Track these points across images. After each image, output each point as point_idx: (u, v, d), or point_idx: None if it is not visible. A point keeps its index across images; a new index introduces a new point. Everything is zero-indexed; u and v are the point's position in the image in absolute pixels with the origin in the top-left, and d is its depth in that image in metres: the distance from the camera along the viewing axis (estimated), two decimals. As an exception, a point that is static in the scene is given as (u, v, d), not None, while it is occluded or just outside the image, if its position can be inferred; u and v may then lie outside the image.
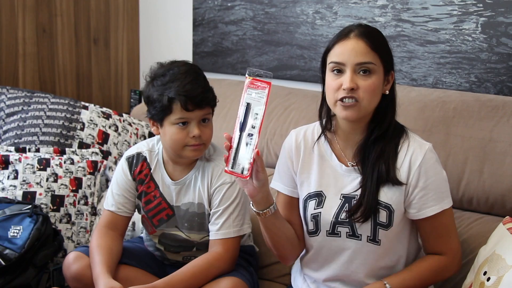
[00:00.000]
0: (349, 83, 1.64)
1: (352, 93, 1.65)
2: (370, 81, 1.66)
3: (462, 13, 2.25)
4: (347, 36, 1.68)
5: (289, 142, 1.86)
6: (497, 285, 1.60)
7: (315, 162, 1.81)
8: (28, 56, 2.91)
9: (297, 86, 2.63)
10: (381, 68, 1.68)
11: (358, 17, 2.48)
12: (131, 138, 2.73)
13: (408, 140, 1.74)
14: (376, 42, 1.68)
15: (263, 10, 2.76)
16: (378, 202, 1.70)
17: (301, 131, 1.86)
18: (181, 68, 1.92)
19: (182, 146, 1.92)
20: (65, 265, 1.99)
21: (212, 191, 1.97)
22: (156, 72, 1.94)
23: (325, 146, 1.81)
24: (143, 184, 2.04)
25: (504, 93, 2.18)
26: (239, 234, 1.96)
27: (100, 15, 3.12)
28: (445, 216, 1.73)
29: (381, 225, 1.72)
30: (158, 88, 1.90)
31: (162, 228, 2.06)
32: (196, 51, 3.01)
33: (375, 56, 1.66)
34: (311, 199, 1.80)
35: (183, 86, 1.87)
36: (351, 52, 1.66)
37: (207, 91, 1.92)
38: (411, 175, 1.71)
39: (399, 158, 1.72)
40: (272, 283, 2.20)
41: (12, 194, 2.36)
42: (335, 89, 1.68)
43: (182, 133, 1.90)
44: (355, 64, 1.65)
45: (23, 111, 2.63)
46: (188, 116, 1.89)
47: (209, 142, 1.98)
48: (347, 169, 1.76)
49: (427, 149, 1.72)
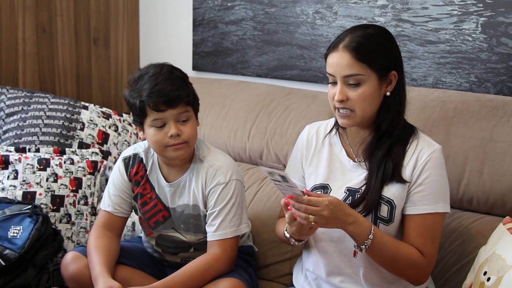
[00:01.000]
0: (338, 96, 1.71)
1: (343, 104, 1.72)
2: (360, 91, 1.70)
3: (462, 13, 2.24)
4: (337, 47, 1.72)
5: (302, 136, 1.94)
6: (497, 285, 1.60)
7: (324, 156, 1.86)
8: (28, 56, 2.91)
9: (297, 86, 2.63)
10: (372, 75, 1.70)
11: (358, 17, 2.47)
12: (131, 138, 2.73)
13: (418, 140, 1.77)
14: (364, 52, 1.68)
15: (263, 10, 2.76)
16: (380, 196, 1.73)
17: (315, 126, 1.94)
18: (154, 70, 1.90)
19: (163, 147, 1.91)
20: (63, 265, 1.99)
21: (207, 192, 1.97)
22: (132, 77, 1.93)
23: (336, 141, 1.86)
24: (139, 186, 2.04)
25: (504, 93, 2.18)
26: (237, 234, 1.96)
27: (100, 15, 3.12)
28: (434, 220, 1.74)
29: (382, 220, 1.74)
30: (132, 93, 1.90)
31: (159, 229, 2.06)
32: (196, 51, 3.01)
33: (362, 67, 1.69)
34: (317, 190, 1.83)
35: (152, 87, 1.85)
36: (337, 65, 1.71)
37: (177, 89, 1.87)
38: (414, 171, 1.74)
39: (406, 156, 1.76)
40: (272, 283, 2.20)
41: (12, 194, 2.36)
42: (331, 97, 1.76)
43: (160, 134, 1.89)
44: (342, 76, 1.71)
45: (23, 111, 2.63)
46: (163, 116, 1.87)
47: (193, 141, 1.95)
48: (354, 165, 1.81)
49: (435, 149, 1.75)
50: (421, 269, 1.73)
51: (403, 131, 1.77)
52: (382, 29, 1.78)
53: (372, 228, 1.67)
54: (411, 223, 1.74)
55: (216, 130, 2.58)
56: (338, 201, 1.64)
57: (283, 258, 2.21)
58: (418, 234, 1.73)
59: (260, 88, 2.61)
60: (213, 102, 2.62)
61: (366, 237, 1.66)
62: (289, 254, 2.19)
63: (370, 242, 1.66)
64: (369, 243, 1.66)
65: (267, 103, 2.51)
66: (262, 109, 2.50)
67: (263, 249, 2.21)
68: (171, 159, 1.96)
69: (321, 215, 1.60)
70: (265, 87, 2.62)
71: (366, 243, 1.66)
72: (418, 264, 1.72)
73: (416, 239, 1.73)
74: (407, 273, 1.74)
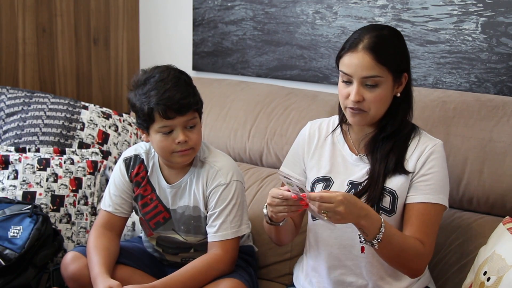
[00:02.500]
0: (355, 96, 1.72)
1: (358, 105, 1.73)
2: (377, 93, 1.72)
3: (462, 13, 2.24)
4: (356, 47, 1.72)
5: (304, 130, 1.96)
6: (497, 285, 1.60)
7: (327, 151, 1.88)
8: (28, 56, 2.91)
9: (297, 86, 2.63)
10: (389, 78, 1.73)
11: (358, 17, 2.47)
12: (131, 138, 2.73)
13: (419, 135, 1.81)
14: (383, 54, 1.71)
15: (263, 10, 2.76)
16: (383, 187, 1.75)
17: (317, 122, 1.96)
18: (161, 75, 1.88)
19: (170, 153, 1.91)
20: (63, 265, 1.99)
21: (207, 193, 1.97)
22: (138, 80, 1.91)
23: (339, 136, 1.88)
24: (140, 187, 2.03)
25: (504, 93, 2.18)
26: (237, 235, 1.96)
27: (100, 15, 3.12)
28: (433, 210, 1.75)
29: (384, 211, 1.75)
30: (139, 97, 1.88)
31: (159, 231, 2.06)
32: (196, 51, 3.01)
33: (381, 69, 1.71)
34: (319, 182, 1.85)
35: (161, 94, 1.84)
36: (357, 66, 1.71)
37: (187, 97, 1.87)
38: (418, 161, 1.76)
39: (409, 150, 1.78)
40: (272, 283, 2.20)
41: (12, 194, 2.36)
42: (344, 96, 1.76)
43: (168, 140, 1.89)
44: (361, 77, 1.72)
45: (23, 111, 2.63)
46: (171, 124, 1.87)
47: (199, 146, 1.96)
48: (356, 159, 1.83)
49: (438, 143, 1.79)
50: (422, 258, 1.74)
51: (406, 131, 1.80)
52: (395, 30, 1.81)
53: (382, 220, 1.65)
54: (414, 211, 1.75)
55: (216, 130, 2.58)
56: (350, 195, 1.62)
57: (283, 258, 2.21)
58: (420, 222, 1.73)
59: (260, 88, 2.61)
60: (213, 102, 2.62)
61: (377, 230, 1.63)
62: (289, 254, 2.20)
63: (382, 235, 1.63)
64: (381, 236, 1.62)
65: (267, 103, 2.51)
66: (262, 109, 2.50)
67: (263, 249, 2.21)
68: (176, 164, 1.96)
69: (336, 211, 1.57)
70: (265, 87, 2.62)
71: (378, 236, 1.63)
72: (421, 254, 1.72)
73: (418, 227, 1.73)
74: (410, 264, 1.72)
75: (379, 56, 1.70)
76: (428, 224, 1.74)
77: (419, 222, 1.73)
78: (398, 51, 1.76)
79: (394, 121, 1.78)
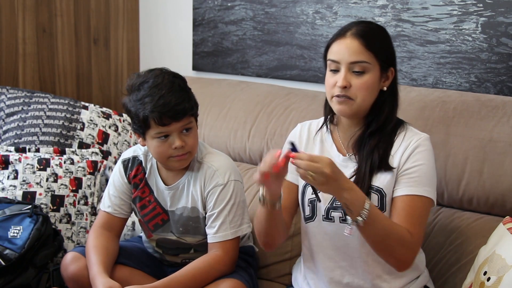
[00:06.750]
0: (342, 82, 1.72)
1: (345, 91, 1.73)
2: (364, 80, 1.73)
3: (462, 13, 2.24)
4: (344, 34, 1.75)
5: (294, 132, 1.96)
6: (497, 285, 1.60)
7: (316, 151, 1.87)
8: (28, 56, 2.91)
9: (297, 86, 2.63)
10: (376, 67, 1.74)
11: (358, 17, 2.48)
12: (131, 138, 2.73)
13: (405, 131, 1.80)
14: (371, 41, 1.73)
15: (263, 10, 2.76)
16: (370, 186, 1.74)
17: (306, 123, 1.96)
18: (155, 80, 1.86)
19: (167, 158, 1.91)
20: (62, 265, 1.99)
21: (205, 194, 1.97)
22: (132, 84, 1.90)
23: (327, 137, 1.88)
24: (138, 189, 2.03)
25: (504, 93, 2.18)
26: (237, 235, 1.96)
27: (100, 15, 3.12)
28: (419, 202, 1.73)
29: None
30: (134, 103, 1.87)
31: (158, 233, 2.05)
32: (196, 51, 3.01)
33: (369, 55, 1.72)
34: (309, 185, 1.81)
35: (156, 101, 1.82)
36: (345, 50, 1.73)
37: (182, 102, 1.85)
38: (402, 156, 1.76)
39: (394, 146, 1.78)
40: (272, 283, 2.20)
41: (12, 194, 2.36)
42: (331, 85, 1.76)
43: (164, 146, 1.88)
44: (349, 62, 1.73)
45: (23, 111, 2.63)
46: (167, 130, 1.86)
47: (195, 150, 1.95)
48: (344, 159, 1.83)
49: (422, 137, 1.78)
50: (410, 247, 1.70)
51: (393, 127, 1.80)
52: (383, 27, 1.84)
53: (367, 198, 1.64)
54: (399, 203, 1.74)
55: (216, 130, 2.58)
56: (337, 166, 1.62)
57: (283, 258, 2.21)
58: (406, 213, 1.72)
59: (260, 88, 2.61)
60: (213, 102, 2.62)
61: (361, 207, 1.61)
62: (289, 254, 2.20)
63: (368, 213, 1.61)
64: (367, 214, 1.61)
65: (267, 103, 2.51)
66: (262, 109, 2.50)
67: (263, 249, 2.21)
68: (173, 168, 1.96)
69: (322, 172, 1.56)
70: (265, 87, 2.62)
71: (362, 214, 1.61)
72: (408, 242, 1.69)
73: (404, 218, 1.71)
74: (397, 251, 1.69)
75: (367, 41, 1.72)
76: (414, 216, 1.72)
77: (405, 213, 1.72)
78: (386, 43, 1.78)
79: (380, 117, 1.78)
